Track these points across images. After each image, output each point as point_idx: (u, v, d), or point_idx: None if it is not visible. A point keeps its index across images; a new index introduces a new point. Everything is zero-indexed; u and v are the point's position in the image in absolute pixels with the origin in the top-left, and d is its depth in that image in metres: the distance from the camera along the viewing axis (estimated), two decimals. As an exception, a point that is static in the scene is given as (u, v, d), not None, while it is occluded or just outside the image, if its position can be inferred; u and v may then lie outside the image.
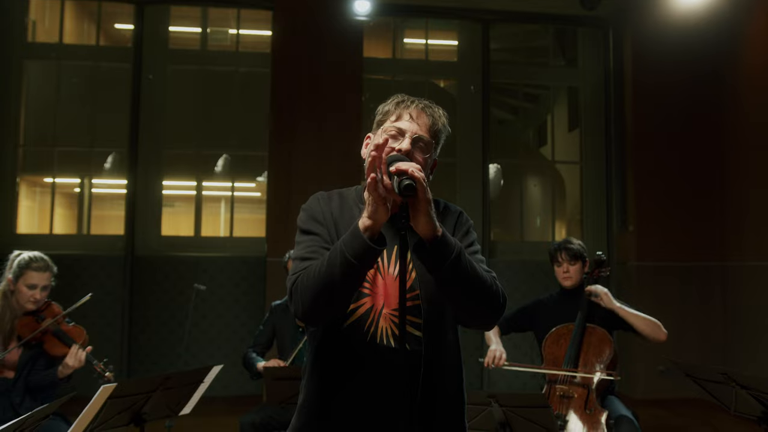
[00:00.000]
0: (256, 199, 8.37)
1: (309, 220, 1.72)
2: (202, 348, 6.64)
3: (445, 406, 1.66)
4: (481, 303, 1.60)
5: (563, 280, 3.70)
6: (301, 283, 1.56)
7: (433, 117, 1.73)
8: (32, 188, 7.78)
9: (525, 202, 8.09)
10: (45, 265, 3.18)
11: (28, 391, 3.12)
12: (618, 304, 3.51)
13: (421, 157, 1.68)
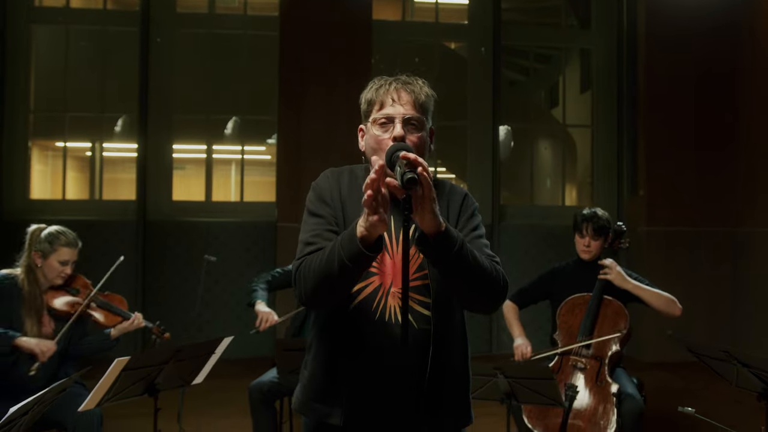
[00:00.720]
0: (267, 162, 8.39)
1: (316, 201, 1.74)
2: (214, 312, 6.74)
3: (452, 383, 1.71)
4: (483, 293, 1.63)
5: (582, 252, 3.66)
6: (303, 271, 1.60)
7: (414, 92, 1.72)
8: (44, 152, 7.83)
9: (535, 165, 8.04)
10: (75, 241, 3.20)
11: (68, 359, 3.20)
12: (632, 282, 3.51)
13: (416, 136, 1.70)
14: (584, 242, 3.64)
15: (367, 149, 1.76)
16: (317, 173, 6.55)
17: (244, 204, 7.24)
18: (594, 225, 3.60)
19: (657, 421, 4.54)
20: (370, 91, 1.76)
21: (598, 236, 3.61)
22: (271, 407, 3.69)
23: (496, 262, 1.69)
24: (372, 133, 1.72)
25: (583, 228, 3.64)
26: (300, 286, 1.60)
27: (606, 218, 3.64)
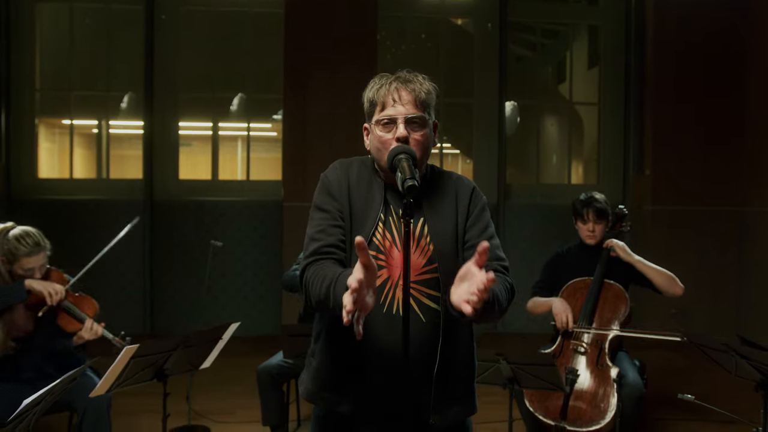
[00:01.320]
0: (273, 138, 8.39)
1: (323, 195, 1.77)
2: (222, 289, 6.81)
3: (459, 374, 1.75)
4: (498, 317, 1.70)
5: (587, 238, 3.67)
6: (307, 285, 1.64)
7: (415, 90, 1.72)
8: (51, 129, 7.85)
9: (542, 143, 8.01)
10: (35, 246, 3.08)
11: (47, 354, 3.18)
12: (636, 257, 3.54)
13: (419, 134, 1.72)
14: (588, 227, 3.65)
15: (372, 149, 1.77)
16: (323, 154, 6.66)
17: (250, 183, 7.27)
18: (594, 208, 3.62)
19: (658, 401, 4.60)
20: (371, 91, 1.77)
21: (601, 219, 3.63)
22: (279, 389, 3.77)
23: (505, 269, 1.72)
24: (376, 133, 1.74)
25: (584, 213, 3.65)
26: (305, 295, 1.65)
27: (604, 200, 3.67)
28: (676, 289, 3.50)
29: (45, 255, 3.14)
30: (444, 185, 1.79)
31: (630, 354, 3.70)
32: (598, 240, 3.65)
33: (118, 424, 3.58)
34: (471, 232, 1.75)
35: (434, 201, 1.75)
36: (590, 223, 3.63)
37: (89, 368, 3.32)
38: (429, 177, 1.80)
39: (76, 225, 6.63)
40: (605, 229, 3.66)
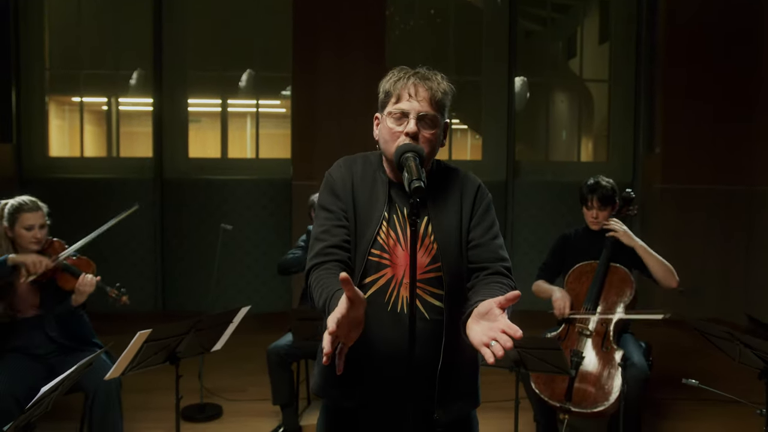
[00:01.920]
0: (281, 114, 8.39)
1: (327, 195, 1.78)
2: (232, 267, 6.87)
3: (463, 370, 1.78)
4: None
5: (591, 224, 3.67)
6: (310, 291, 1.66)
7: (432, 89, 1.71)
8: (61, 107, 7.88)
9: (551, 119, 7.97)
10: (35, 205, 3.26)
11: (58, 322, 3.29)
12: (639, 241, 3.55)
13: (429, 133, 1.71)
14: (592, 214, 3.65)
15: (380, 139, 1.77)
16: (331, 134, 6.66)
17: (259, 161, 7.29)
18: (599, 195, 3.61)
19: (663, 381, 4.64)
20: (389, 83, 1.75)
21: (605, 206, 3.62)
22: (288, 369, 3.83)
23: (507, 270, 1.72)
24: (386, 124, 1.73)
25: (588, 200, 3.65)
26: (311, 298, 1.67)
27: (611, 186, 3.65)
28: (671, 281, 3.51)
29: (43, 215, 3.28)
30: (449, 183, 1.80)
31: (637, 335, 3.72)
32: (602, 226, 3.66)
33: (130, 401, 3.68)
34: (475, 231, 1.75)
35: (439, 199, 1.76)
36: (594, 210, 3.63)
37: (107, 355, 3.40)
38: (434, 173, 1.81)
39: (87, 203, 6.68)
40: (610, 214, 3.65)
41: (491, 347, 1.38)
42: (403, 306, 1.68)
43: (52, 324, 3.28)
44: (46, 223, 3.28)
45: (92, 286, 3.24)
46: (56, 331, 3.28)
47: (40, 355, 3.23)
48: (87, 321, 3.42)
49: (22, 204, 3.23)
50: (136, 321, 3.55)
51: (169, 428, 3.83)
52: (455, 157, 7.59)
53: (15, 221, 3.19)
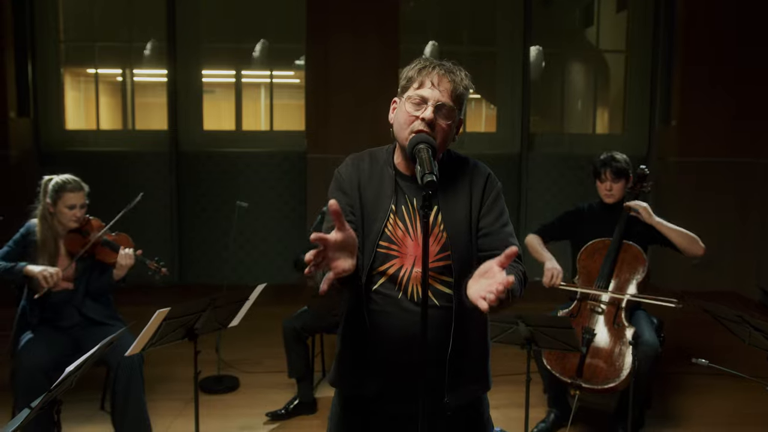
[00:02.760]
0: (295, 85, 8.38)
1: (335, 191, 1.81)
2: (247, 239, 6.95)
3: (473, 355, 1.82)
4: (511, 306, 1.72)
5: (605, 197, 3.69)
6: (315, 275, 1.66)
7: (454, 82, 1.74)
8: (76, 79, 7.91)
9: (566, 90, 7.88)
10: (78, 186, 3.36)
11: (89, 296, 3.41)
12: (657, 219, 3.56)
13: (444, 123, 1.73)
14: (605, 187, 3.67)
15: (395, 123, 1.79)
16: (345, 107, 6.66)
17: (273, 133, 7.31)
18: (612, 168, 3.62)
19: (675, 355, 4.67)
20: (413, 70, 1.77)
21: (618, 179, 3.64)
22: (303, 343, 3.91)
23: (518, 257, 1.75)
24: (404, 108, 1.75)
25: (602, 173, 3.67)
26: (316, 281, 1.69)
27: (624, 160, 3.66)
28: (697, 249, 3.52)
29: (84, 195, 3.38)
30: (459, 172, 1.82)
31: (649, 310, 3.75)
32: (616, 199, 3.67)
33: (150, 373, 3.77)
34: (485, 220, 1.78)
35: (449, 189, 1.78)
36: (608, 182, 3.65)
37: (123, 324, 3.49)
38: (445, 162, 1.83)
39: (104, 176, 6.74)
40: (624, 188, 3.67)
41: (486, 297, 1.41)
42: (413, 294, 1.72)
43: (82, 299, 3.39)
44: (86, 203, 3.39)
45: (133, 259, 3.38)
46: (85, 306, 3.39)
47: (66, 328, 3.34)
48: (111, 299, 3.53)
49: (66, 183, 3.32)
50: (153, 293, 3.63)
51: (187, 399, 3.95)
52: (469, 129, 7.56)
53: (58, 199, 3.30)
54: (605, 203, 3.73)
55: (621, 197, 3.68)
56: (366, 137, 6.43)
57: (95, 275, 3.44)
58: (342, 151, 7.14)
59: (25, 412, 2.07)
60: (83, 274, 3.40)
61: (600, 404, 3.59)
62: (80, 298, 3.39)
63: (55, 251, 3.34)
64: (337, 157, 6.45)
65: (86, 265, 3.41)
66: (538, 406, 3.85)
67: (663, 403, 4.06)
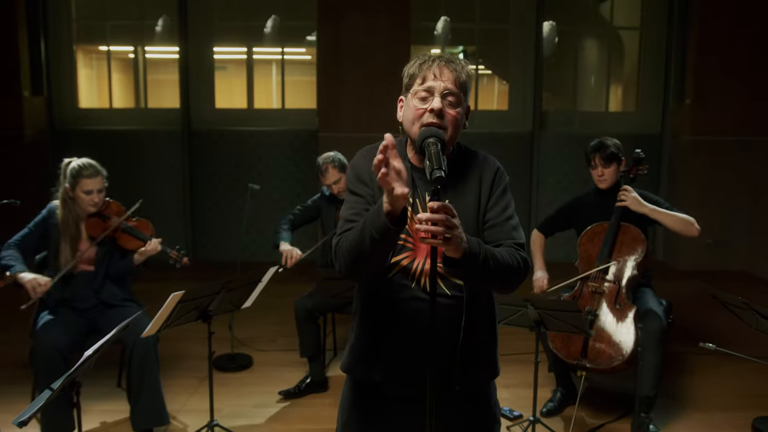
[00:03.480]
0: (306, 62, 8.36)
1: (355, 181, 1.83)
2: (260, 217, 6.99)
3: (482, 343, 1.86)
4: (504, 286, 1.77)
5: (598, 182, 3.73)
6: (341, 245, 1.72)
7: (456, 70, 1.76)
8: (88, 56, 7.93)
9: (580, 67, 7.81)
10: (95, 171, 3.38)
11: (108, 279, 3.48)
12: (648, 206, 3.57)
13: (454, 111, 1.75)
14: (597, 173, 3.71)
15: (404, 120, 1.81)
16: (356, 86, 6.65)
17: (285, 111, 7.32)
18: (602, 154, 3.66)
19: (685, 334, 4.70)
20: (414, 66, 1.80)
21: (609, 163, 3.67)
22: (315, 323, 3.97)
23: (519, 246, 1.77)
24: (411, 105, 1.77)
25: (592, 159, 3.71)
26: (338, 259, 1.73)
27: (614, 144, 3.69)
28: (692, 231, 3.55)
29: (102, 180, 3.41)
30: (469, 166, 1.84)
31: (659, 291, 3.78)
32: (609, 184, 3.71)
33: (165, 350, 3.85)
34: (491, 212, 1.81)
35: (459, 182, 1.81)
36: (599, 168, 3.69)
37: (137, 305, 3.56)
38: (455, 156, 1.85)
39: (117, 155, 6.82)
40: (617, 171, 3.71)
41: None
42: (425, 285, 1.75)
43: (101, 282, 3.45)
44: (104, 188, 3.42)
45: (156, 250, 3.44)
46: (103, 289, 3.45)
47: (83, 310, 3.40)
48: (128, 280, 3.60)
49: (82, 169, 3.35)
50: (166, 270, 3.68)
51: (202, 377, 4.04)
52: (481, 107, 7.52)
53: (75, 184, 3.34)
54: (600, 190, 3.78)
55: (615, 181, 3.71)
56: (377, 116, 6.43)
57: (115, 259, 3.50)
58: (353, 130, 7.20)
59: (46, 393, 2.14)
60: (104, 257, 3.45)
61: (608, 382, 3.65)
62: (99, 281, 3.45)
63: (76, 234, 3.40)
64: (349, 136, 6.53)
65: (107, 250, 3.46)
66: (545, 386, 3.90)
67: (672, 383, 4.09)
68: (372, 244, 1.61)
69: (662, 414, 3.64)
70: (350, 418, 1.90)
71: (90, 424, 3.52)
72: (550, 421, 3.56)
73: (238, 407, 3.79)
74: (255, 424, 3.61)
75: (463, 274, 1.68)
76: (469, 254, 1.60)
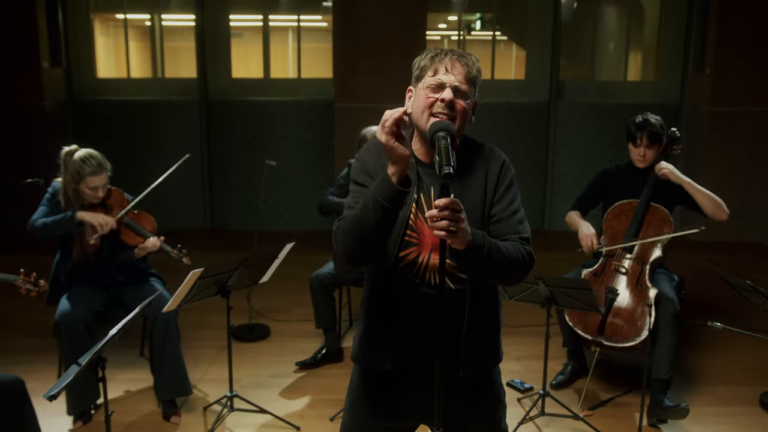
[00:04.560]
0: (323, 29, 8.32)
1: (360, 173, 1.88)
2: (277, 186, 7.06)
3: (485, 332, 1.92)
4: (508, 279, 1.84)
5: (638, 161, 3.67)
6: (342, 226, 1.77)
7: (467, 65, 1.81)
8: (105, 24, 7.95)
9: (599, 34, 7.70)
10: (99, 167, 3.30)
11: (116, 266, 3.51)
12: (686, 178, 3.56)
13: (464, 102, 1.79)
14: (639, 152, 3.64)
15: (414, 109, 1.84)
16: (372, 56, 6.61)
17: (301, 81, 7.32)
18: (648, 133, 3.59)
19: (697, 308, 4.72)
20: (425, 59, 1.84)
21: (653, 144, 3.61)
22: (330, 296, 4.05)
23: (525, 240, 1.81)
24: (422, 95, 1.81)
25: (637, 138, 3.62)
26: (339, 242, 1.77)
27: (659, 124, 3.62)
28: (721, 213, 3.54)
29: (106, 175, 3.37)
30: (475, 159, 1.87)
31: (675, 262, 3.77)
32: (648, 164, 3.65)
33: (185, 319, 3.96)
34: (497, 206, 1.84)
35: (465, 175, 1.84)
36: (642, 148, 3.62)
37: (158, 280, 3.65)
38: (462, 148, 1.88)
39: (135, 125, 6.91)
40: (657, 153, 3.64)
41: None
42: (431, 278, 1.81)
43: (110, 266, 3.50)
44: (107, 182, 3.37)
45: (156, 248, 3.42)
46: (118, 271, 3.52)
47: (103, 286, 3.49)
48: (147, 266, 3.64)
49: (86, 166, 3.27)
50: (185, 238, 3.77)
51: (221, 347, 4.15)
52: (498, 76, 7.46)
53: (80, 180, 3.29)
54: (633, 166, 3.73)
55: (652, 162, 3.65)
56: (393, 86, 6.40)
57: (117, 249, 3.47)
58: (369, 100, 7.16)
59: (74, 368, 2.23)
60: (108, 247, 3.44)
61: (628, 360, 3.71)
62: (107, 265, 3.48)
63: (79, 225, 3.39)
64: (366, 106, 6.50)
65: (109, 241, 3.42)
66: (557, 359, 3.97)
67: (682, 356, 4.12)
68: (377, 214, 1.65)
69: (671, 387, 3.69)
70: (359, 397, 1.98)
71: (114, 392, 3.65)
72: (559, 394, 3.64)
73: (256, 377, 3.91)
74: (272, 394, 3.72)
75: (467, 266, 1.73)
76: (474, 246, 1.65)
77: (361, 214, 1.69)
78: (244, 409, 3.44)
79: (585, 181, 6.14)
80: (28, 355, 4.11)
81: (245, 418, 3.42)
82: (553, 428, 3.37)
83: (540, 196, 7.33)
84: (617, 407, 3.60)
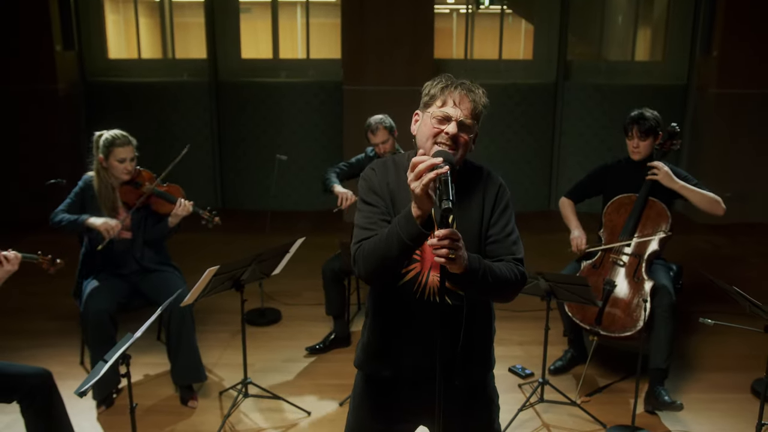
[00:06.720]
0: (331, 3, 8.35)
1: (368, 192, 1.99)
2: (285, 169, 7.16)
3: (480, 343, 2.07)
4: (501, 297, 1.97)
5: (632, 153, 3.79)
6: (363, 251, 1.89)
7: (474, 101, 1.91)
8: (115, 2, 8.00)
9: (607, 12, 7.68)
10: (126, 140, 3.58)
11: (146, 245, 3.73)
12: (679, 183, 3.66)
13: (467, 136, 1.91)
14: (633, 144, 3.76)
15: (419, 134, 1.96)
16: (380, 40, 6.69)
17: (310, 61, 7.38)
18: (640, 127, 3.70)
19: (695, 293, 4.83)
20: (435, 87, 1.93)
21: (646, 137, 3.72)
22: (341, 284, 4.20)
23: (518, 261, 1.93)
24: (428, 122, 1.92)
25: (630, 130, 3.75)
26: (359, 265, 1.90)
27: (653, 118, 3.72)
28: (718, 210, 3.64)
29: (133, 149, 3.62)
30: (474, 182, 1.99)
31: (675, 250, 3.87)
32: (643, 156, 3.77)
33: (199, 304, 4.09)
34: (493, 228, 1.97)
35: (464, 199, 1.96)
36: (635, 140, 3.74)
37: (176, 269, 3.81)
38: (461, 172, 1.99)
39: (147, 107, 7.01)
40: (652, 145, 3.75)
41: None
42: (430, 294, 1.94)
43: (140, 248, 3.70)
44: (135, 156, 3.62)
45: (188, 211, 3.67)
46: (143, 255, 3.71)
47: (125, 275, 3.67)
48: (165, 245, 3.84)
49: (115, 138, 3.55)
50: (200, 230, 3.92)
51: (234, 332, 4.33)
52: (506, 56, 7.48)
53: (109, 154, 3.55)
54: (632, 160, 3.83)
55: (648, 154, 3.77)
56: (401, 69, 6.48)
57: (151, 223, 3.72)
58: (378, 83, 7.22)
59: (101, 365, 2.40)
60: (140, 223, 3.68)
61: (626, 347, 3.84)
62: (139, 247, 3.70)
63: (113, 203, 3.62)
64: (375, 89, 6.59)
65: (142, 216, 3.69)
66: (557, 344, 4.12)
67: (681, 345, 4.25)
68: (400, 249, 1.77)
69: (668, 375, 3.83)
70: (362, 401, 2.14)
71: (134, 376, 3.78)
72: (558, 379, 3.80)
73: (269, 362, 4.08)
74: (284, 378, 3.90)
75: (464, 287, 1.88)
76: (470, 270, 1.78)
77: (385, 246, 1.80)
78: (258, 395, 3.62)
79: (590, 163, 6.23)
80: (52, 338, 4.29)
81: (259, 403, 3.60)
82: (551, 414, 3.53)
83: (546, 178, 7.42)
84: (613, 393, 3.75)
